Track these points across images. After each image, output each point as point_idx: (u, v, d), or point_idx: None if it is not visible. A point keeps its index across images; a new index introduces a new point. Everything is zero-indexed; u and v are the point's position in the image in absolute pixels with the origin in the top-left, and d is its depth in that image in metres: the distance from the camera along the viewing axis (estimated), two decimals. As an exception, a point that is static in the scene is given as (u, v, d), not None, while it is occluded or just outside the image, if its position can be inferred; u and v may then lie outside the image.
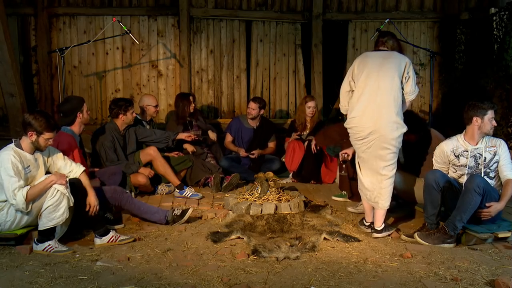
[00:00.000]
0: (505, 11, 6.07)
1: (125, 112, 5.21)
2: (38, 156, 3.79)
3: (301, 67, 7.37)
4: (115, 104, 5.25)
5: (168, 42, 7.11)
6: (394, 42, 4.16)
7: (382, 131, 3.86)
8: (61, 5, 6.92)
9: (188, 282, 3.06)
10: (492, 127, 3.94)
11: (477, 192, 3.69)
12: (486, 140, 3.98)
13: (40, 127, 3.66)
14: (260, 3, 7.19)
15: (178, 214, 4.26)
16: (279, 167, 6.24)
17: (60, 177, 3.68)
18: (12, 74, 5.80)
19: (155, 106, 5.88)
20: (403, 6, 7.34)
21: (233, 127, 6.42)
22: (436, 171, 4.01)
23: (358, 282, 3.06)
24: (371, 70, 3.96)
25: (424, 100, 7.43)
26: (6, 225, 3.67)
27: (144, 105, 5.85)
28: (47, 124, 3.68)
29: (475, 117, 3.90)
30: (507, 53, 5.78)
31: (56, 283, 3.04)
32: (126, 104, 5.25)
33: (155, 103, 5.89)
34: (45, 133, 3.68)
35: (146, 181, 5.16)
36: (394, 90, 3.89)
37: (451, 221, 3.77)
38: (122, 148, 5.27)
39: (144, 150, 5.38)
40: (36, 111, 3.79)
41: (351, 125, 3.99)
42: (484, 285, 3.02)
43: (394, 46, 4.13)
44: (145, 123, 5.82)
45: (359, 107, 3.93)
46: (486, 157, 3.94)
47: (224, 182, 5.49)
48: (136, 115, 5.49)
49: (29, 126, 3.65)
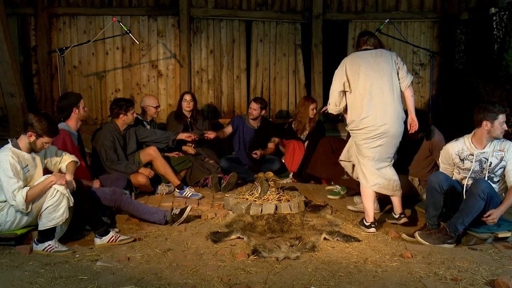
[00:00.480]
0: (505, 11, 6.07)
1: (125, 112, 5.22)
2: (35, 155, 3.80)
3: (301, 67, 7.36)
4: (116, 104, 5.25)
5: (168, 42, 7.11)
6: (375, 39, 4.28)
7: (393, 127, 4.07)
8: (61, 5, 6.92)
9: (188, 282, 3.06)
10: (503, 131, 3.84)
11: (482, 198, 3.67)
12: (495, 144, 3.88)
13: (41, 130, 3.67)
14: (260, 3, 7.19)
15: (177, 213, 4.27)
16: (280, 167, 6.24)
17: (60, 177, 3.68)
18: (12, 74, 5.80)
19: (156, 107, 5.87)
20: (403, 6, 7.34)
21: (235, 122, 6.42)
22: (440, 174, 3.99)
23: (358, 282, 3.06)
24: (367, 70, 4.09)
25: (424, 100, 7.44)
26: (6, 225, 3.67)
27: (145, 106, 5.86)
28: (49, 129, 3.70)
29: (485, 121, 3.80)
30: (507, 53, 5.78)
31: (56, 283, 3.04)
32: (127, 104, 5.26)
33: (155, 104, 5.89)
34: (45, 137, 3.70)
35: (146, 181, 5.16)
36: (395, 86, 4.10)
37: (452, 222, 3.76)
38: (122, 148, 5.27)
39: (144, 150, 5.38)
40: (41, 113, 3.78)
41: (363, 125, 4.09)
42: (484, 285, 3.02)
43: (376, 43, 4.25)
44: (146, 123, 5.82)
45: (369, 107, 4.05)
46: (492, 162, 3.87)
47: (223, 182, 5.49)
48: (137, 115, 5.49)
49: (31, 126, 3.66)
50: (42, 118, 3.68)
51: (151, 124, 5.92)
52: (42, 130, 3.67)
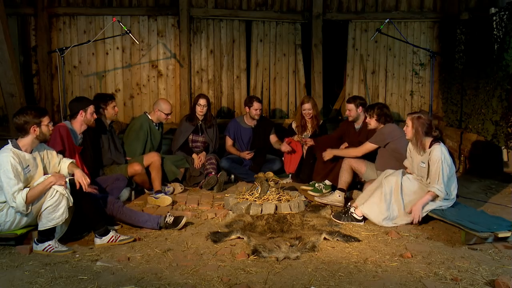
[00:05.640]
0: (505, 11, 6.05)
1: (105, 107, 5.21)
2: (36, 155, 3.80)
3: (301, 67, 7.36)
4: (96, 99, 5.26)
5: (168, 42, 7.11)
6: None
7: None
8: (61, 5, 6.93)
9: (188, 282, 3.06)
10: None
11: None
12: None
13: (36, 118, 3.69)
14: (260, 3, 7.19)
15: (171, 223, 4.17)
16: (280, 167, 6.22)
17: (59, 178, 3.68)
18: (12, 74, 5.81)
19: (167, 114, 5.67)
20: (403, 6, 7.34)
21: (231, 129, 6.32)
22: None
23: (358, 282, 3.06)
24: None
25: (424, 100, 7.44)
26: (6, 225, 3.67)
27: (156, 110, 5.66)
28: (38, 111, 3.74)
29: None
30: (507, 53, 5.77)
31: (56, 283, 3.04)
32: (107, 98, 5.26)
33: (168, 111, 5.66)
34: (42, 119, 3.73)
35: (141, 168, 5.12)
36: None
37: None
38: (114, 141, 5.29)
39: (148, 154, 5.35)
40: (19, 110, 3.80)
41: None
42: (484, 285, 3.02)
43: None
44: (154, 125, 5.70)
45: None
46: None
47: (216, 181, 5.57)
48: (147, 114, 5.65)
49: (26, 124, 3.67)
50: (26, 110, 3.72)
51: (159, 127, 5.80)
52: (36, 116, 3.69)
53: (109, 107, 5.20)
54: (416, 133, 4.28)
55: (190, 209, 4.82)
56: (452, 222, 3.98)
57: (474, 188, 5.65)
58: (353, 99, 5.58)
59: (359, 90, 7.44)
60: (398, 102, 7.49)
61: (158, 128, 5.76)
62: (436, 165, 4.14)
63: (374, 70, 7.45)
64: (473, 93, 6.33)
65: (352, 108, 5.52)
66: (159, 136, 5.75)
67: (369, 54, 7.42)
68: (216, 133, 6.20)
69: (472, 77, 6.38)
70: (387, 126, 4.97)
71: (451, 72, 7.06)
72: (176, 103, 7.16)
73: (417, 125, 4.27)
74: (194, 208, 4.87)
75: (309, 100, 6.15)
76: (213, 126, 6.16)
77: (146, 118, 5.61)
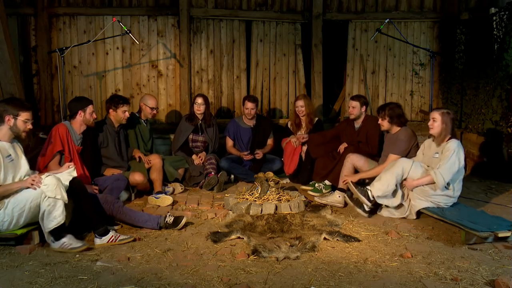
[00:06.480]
0: (505, 11, 6.05)
1: (115, 108, 5.20)
2: (15, 145, 3.84)
3: (301, 67, 7.36)
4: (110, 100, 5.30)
5: (168, 42, 7.11)
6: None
7: None
8: (61, 5, 6.93)
9: (188, 282, 3.06)
10: None
11: None
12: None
13: (15, 109, 3.69)
14: (260, 3, 7.19)
15: (171, 223, 4.16)
16: (280, 167, 6.20)
17: (35, 181, 3.63)
18: (12, 74, 5.81)
19: (152, 108, 5.67)
20: (403, 6, 7.34)
21: (231, 129, 6.31)
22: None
23: (358, 282, 3.06)
24: None
25: (424, 100, 7.44)
26: (4, 225, 3.66)
27: (142, 104, 5.72)
28: (21, 105, 3.73)
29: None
30: (507, 53, 5.77)
31: (56, 283, 3.04)
32: (119, 100, 5.25)
33: (152, 105, 5.68)
34: (21, 113, 3.72)
35: (143, 179, 5.13)
36: None
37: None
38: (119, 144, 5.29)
39: (150, 156, 5.36)
40: (7, 98, 3.80)
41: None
42: (484, 285, 3.02)
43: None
44: (143, 121, 5.75)
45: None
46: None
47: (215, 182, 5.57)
48: (135, 113, 5.51)
49: (5, 111, 3.68)
50: (10, 100, 3.73)
51: (147, 123, 5.83)
52: (15, 108, 3.69)
53: (119, 110, 5.17)
54: (445, 128, 4.34)
55: (190, 209, 4.82)
56: (452, 222, 3.99)
57: (474, 188, 5.65)
58: (357, 97, 5.55)
59: (359, 90, 7.44)
60: (398, 102, 7.47)
61: (147, 124, 5.77)
62: (447, 153, 4.24)
63: (374, 70, 7.45)
64: (473, 93, 6.33)
65: (356, 105, 5.45)
66: (147, 132, 5.74)
67: (369, 54, 7.42)
68: (216, 132, 6.19)
69: (472, 77, 6.38)
70: (403, 132, 4.88)
71: (451, 72, 7.06)
72: (176, 103, 7.16)
73: (446, 120, 4.34)
74: (194, 208, 4.87)
75: (302, 97, 6.14)
76: (212, 125, 6.15)
77: (134, 117, 5.63)
